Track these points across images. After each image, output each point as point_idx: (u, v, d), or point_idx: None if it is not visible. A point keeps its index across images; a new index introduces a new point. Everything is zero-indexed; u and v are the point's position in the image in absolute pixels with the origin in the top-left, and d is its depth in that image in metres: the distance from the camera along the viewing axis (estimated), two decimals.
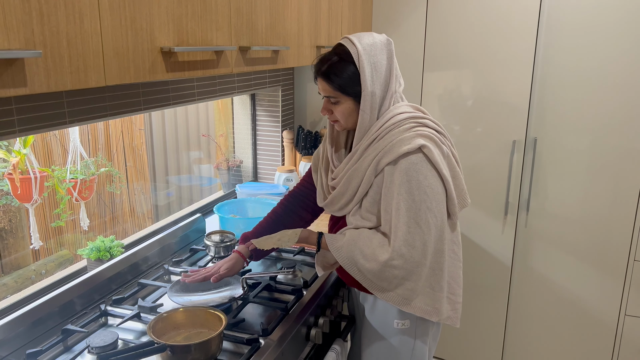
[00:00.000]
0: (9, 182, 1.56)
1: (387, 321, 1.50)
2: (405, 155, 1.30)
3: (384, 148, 1.34)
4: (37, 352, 1.24)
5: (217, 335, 1.19)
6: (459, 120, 2.46)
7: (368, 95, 1.33)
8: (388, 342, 1.52)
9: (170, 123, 2.56)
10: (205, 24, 1.23)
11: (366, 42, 1.34)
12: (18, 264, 1.78)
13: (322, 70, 1.36)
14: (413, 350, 1.51)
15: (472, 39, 2.34)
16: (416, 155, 1.30)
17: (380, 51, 1.35)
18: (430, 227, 1.32)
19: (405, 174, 1.30)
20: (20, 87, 0.80)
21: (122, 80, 1.00)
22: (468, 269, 2.61)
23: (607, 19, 2.13)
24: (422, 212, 1.30)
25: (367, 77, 1.32)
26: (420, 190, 1.30)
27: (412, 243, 1.31)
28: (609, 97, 2.19)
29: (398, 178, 1.31)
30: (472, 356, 2.72)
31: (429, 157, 1.30)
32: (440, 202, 1.34)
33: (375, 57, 1.33)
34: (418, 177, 1.30)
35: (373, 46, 1.34)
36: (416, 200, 1.30)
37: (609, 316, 2.40)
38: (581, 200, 2.34)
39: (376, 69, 1.34)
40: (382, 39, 1.37)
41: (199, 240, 2.01)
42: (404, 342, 1.50)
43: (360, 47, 1.32)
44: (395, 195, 1.31)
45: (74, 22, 0.87)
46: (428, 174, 1.30)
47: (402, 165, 1.30)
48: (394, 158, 1.31)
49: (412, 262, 1.32)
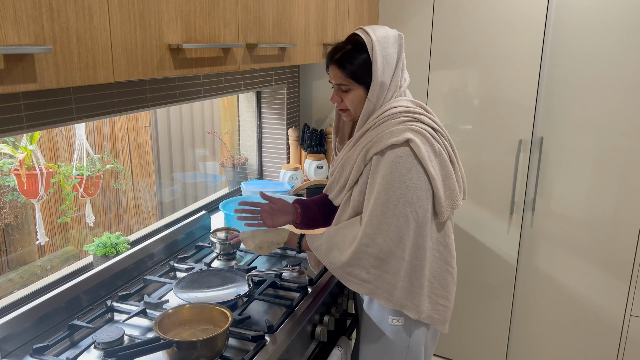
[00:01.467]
0: (16, 178, 1.56)
1: (383, 317, 1.50)
2: (392, 147, 1.32)
3: (373, 138, 1.36)
4: (44, 347, 1.25)
5: (223, 332, 1.20)
6: (465, 119, 2.45)
7: (377, 85, 1.37)
8: (384, 338, 1.52)
9: (176, 120, 2.56)
10: (213, 21, 1.23)
11: (380, 34, 1.37)
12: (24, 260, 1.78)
13: (335, 57, 1.39)
14: (408, 348, 1.51)
15: (479, 38, 2.34)
16: (402, 148, 1.32)
17: (392, 44, 1.38)
18: (409, 220, 1.32)
19: (389, 165, 1.32)
20: (30, 82, 0.80)
21: (131, 77, 1.00)
22: (473, 268, 2.61)
23: (614, 18, 2.11)
24: (400, 205, 1.31)
25: (379, 68, 1.35)
26: (401, 183, 1.31)
27: (387, 232, 1.32)
28: (616, 97, 2.18)
29: (382, 169, 1.33)
30: (477, 355, 2.72)
31: (415, 151, 1.31)
32: (423, 199, 1.33)
33: (387, 49, 1.37)
34: (401, 170, 1.31)
35: (386, 39, 1.37)
36: (396, 192, 1.31)
37: (615, 316, 2.39)
38: (587, 200, 2.33)
39: (387, 61, 1.37)
40: (394, 33, 1.40)
41: (205, 237, 2.01)
42: (399, 339, 1.50)
43: (374, 38, 1.36)
44: (377, 185, 1.33)
45: (84, 18, 0.88)
46: (412, 168, 1.31)
47: (388, 157, 1.32)
48: (381, 149, 1.33)
49: (386, 252, 1.33)
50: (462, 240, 2.60)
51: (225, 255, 1.79)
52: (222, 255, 1.79)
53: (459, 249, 2.61)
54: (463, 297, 2.67)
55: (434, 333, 1.57)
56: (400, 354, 1.51)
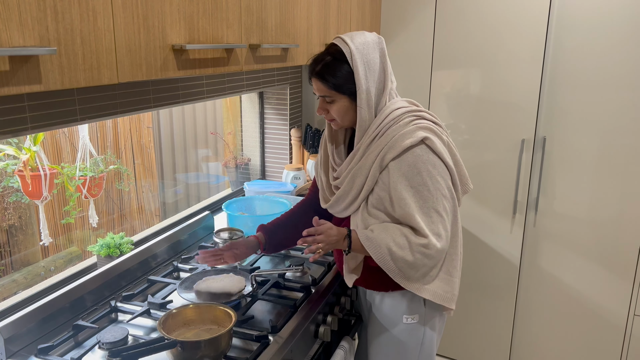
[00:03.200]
0: (20, 179, 1.57)
1: (396, 317, 1.52)
2: (409, 148, 1.33)
3: (387, 143, 1.35)
4: (49, 347, 1.25)
5: (226, 332, 1.20)
6: (468, 119, 2.45)
7: (363, 93, 1.35)
8: (396, 338, 1.53)
9: (178, 121, 2.56)
10: (216, 22, 1.23)
11: (359, 41, 1.35)
12: (28, 261, 1.79)
13: (316, 70, 1.38)
14: (422, 344, 1.53)
15: (481, 38, 2.34)
16: (420, 147, 1.34)
17: (372, 49, 1.36)
18: (448, 213, 1.38)
19: (415, 167, 1.33)
20: (35, 84, 0.80)
21: (134, 78, 1.00)
22: (476, 267, 2.60)
23: (617, 17, 2.11)
24: (439, 201, 1.35)
25: (362, 76, 1.34)
26: (432, 180, 1.34)
27: (438, 232, 1.35)
28: (619, 96, 2.18)
29: (408, 172, 1.33)
30: (480, 355, 2.72)
31: (432, 147, 1.35)
32: (451, 188, 1.39)
33: (369, 55, 1.35)
34: (428, 168, 1.33)
35: (365, 45, 1.35)
36: (431, 190, 1.34)
37: (618, 316, 2.39)
38: (590, 200, 2.33)
39: (369, 67, 1.35)
40: (373, 38, 1.39)
41: (208, 237, 2.01)
42: (413, 336, 1.52)
43: (353, 47, 1.34)
44: (410, 189, 1.33)
45: (88, 20, 0.88)
46: (436, 163, 1.35)
47: (409, 159, 1.33)
48: (398, 152, 1.33)
49: (441, 252, 1.36)
50: (465, 240, 2.59)
51: None
52: None
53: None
54: (466, 296, 2.67)
55: (441, 325, 1.59)
56: (414, 350, 1.54)
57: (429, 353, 1.56)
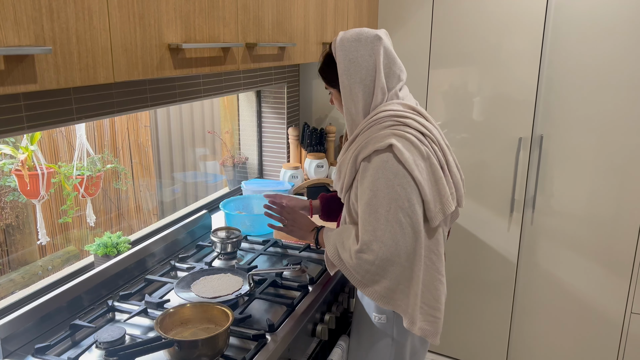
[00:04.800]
0: (17, 178, 1.57)
1: (369, 313, 1.52)
2: (376, 152, 1.32)
3: (361, 144, 1.36)
4: (46, 346, 1.25)
5: (224, 331, 1.20)
6: (465, 118, 2.45)
7: (346, 89, 1.38)
8: (369, 334, 1.53)
9: (176, 120, 2.56)
10: (213, 21, 1.23)
11: (347, 37, 1.37)
12: (25, 260, 1.79)
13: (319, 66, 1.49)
14: (392, 346, 1.51)
15: (479, 36, 2.34)
16: (386, 153, 1.30)
17: (363, 46, 1.35)
18: (403, 226, 1.29)
19: (377, 171, 1.31)
20: (31, 83, 0.80)
21: (131, 77, 1.00)
22: (474, 266, 2.61)
23: (614, 15, 2.11)
24: (392, 210, 1.29)
25: (342, 71, 1.36)
26: (389, 188, 1.29)
27: (382, 239, 1.29)
28: (616, 94, 2.18)
29: (369, 175, 1.32)
30: (478, 353, 2.72)
31: (397, 156, 1.29)
32: (415, 204, 1.31)
33: (356, 52, 1.35)
34: (387, 175, 1.29)
35: (354, 41, 1.36)
36: (386, 198, 1.29)
37: (615, 314, 2.39)
38: (587, 198, 2.33)
39: (354, 64, 1.35)
40: (369, 35, 1.37)
41: (205, 236, 2.01)
42: (383, 337, 1.50)
43: (338, 43, 1.37)
44: (368, 192, 1.32)
45: (83, 19, 0.88)
46: (398, 173, 1.29)
47: (374, 163, 1.31)
48: (367, 155, 1.33)
49: (383, 259, 1.30)
50: (462, 238, 2.60)
51: (226, 254, 1.80)
52: (222, 254, 1.80)
53: (459, 247, 2.61)
54: (464, 294, 2.67)
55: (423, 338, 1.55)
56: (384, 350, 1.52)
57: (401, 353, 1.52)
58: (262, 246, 1.92)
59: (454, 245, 2.62)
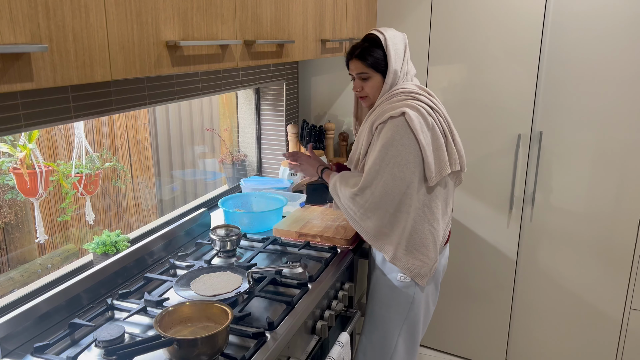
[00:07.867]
0: (15, 176, 1.56)
1: (391, 273, 1.74)
2: (391, 118, 1.59)
3: (379, 113, 1.64)
4: (45, 345, 1.25)
5: (223, 329, 1.20)
6: (464, 114, 2.45)
7: (392, 72, 1.67)
8: (390, 293, 1.76)
9: (175, 118, 2.55)
10: (211, 18, 1.22)
11: (390, 34, 1.70)
12: (24, 258, 1.78)
13: (356, 53, 1.70)
14: (412, 302, 1.75)
15: (478, 33, 2.33)
16: (399, 119, 1.58)
17: (399, 41, 1.71)
18: (396, 179, 1.57)
19: (387, 132, 1.59)
20: (27, 81, 0.79)
21: (128, 75, 0.99)
22: (473, 262, 2.61)
23: (613, 12, 2.11)
24: (390, 165, 1.57)
25: (392, 58, 1.67)
26: (394, 147, 1.57)
27: (375, 187, 1.59)
28: (615, 91, 2.18)
29: (383, 135, 1.60)
30: (477, 350, 2.73)
31: (408, 122, 1.56)
32: (411, 162, 1.58)
33: (397, 45, 1.69)
34: (394, 137, 1.57)
35: (395, 37, 1.70)
36: (389, 154, 1.57)
37: (614, 310, 2.39)
38: (586, 194, 2.33)
39: (397, 54, 1.68)
40: (399, 34, 1.74)
41: (205, 234, 2.01)
42: (404, 294, 1.74)
43: (387, 36, 1.69)
44: (378, 147, 1.59)
45: (80, 16, 0.87)
46: (405, 136, 1.56)
47: (388, 125, 1.59)
48: (383, 120, 1.61)
49: (371, 202, 1.60)
50: (461, 235, 2.60)
51: (225, 252, 1.79)
52: (222, 252, 1.79)
53: (458, 244, 2.61)
54: (463, 291, 2.67)
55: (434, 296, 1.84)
56: (404, 308, 1.75)
57: (416, 313, 1.76)
58: (261, 244, 1.92)
59: (453, 242, 2.62)
